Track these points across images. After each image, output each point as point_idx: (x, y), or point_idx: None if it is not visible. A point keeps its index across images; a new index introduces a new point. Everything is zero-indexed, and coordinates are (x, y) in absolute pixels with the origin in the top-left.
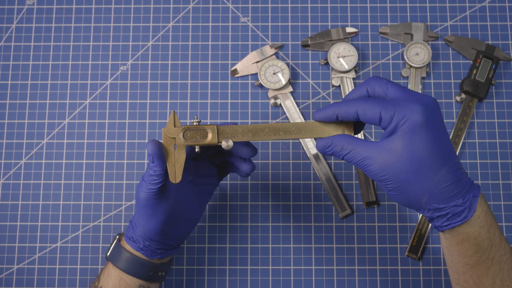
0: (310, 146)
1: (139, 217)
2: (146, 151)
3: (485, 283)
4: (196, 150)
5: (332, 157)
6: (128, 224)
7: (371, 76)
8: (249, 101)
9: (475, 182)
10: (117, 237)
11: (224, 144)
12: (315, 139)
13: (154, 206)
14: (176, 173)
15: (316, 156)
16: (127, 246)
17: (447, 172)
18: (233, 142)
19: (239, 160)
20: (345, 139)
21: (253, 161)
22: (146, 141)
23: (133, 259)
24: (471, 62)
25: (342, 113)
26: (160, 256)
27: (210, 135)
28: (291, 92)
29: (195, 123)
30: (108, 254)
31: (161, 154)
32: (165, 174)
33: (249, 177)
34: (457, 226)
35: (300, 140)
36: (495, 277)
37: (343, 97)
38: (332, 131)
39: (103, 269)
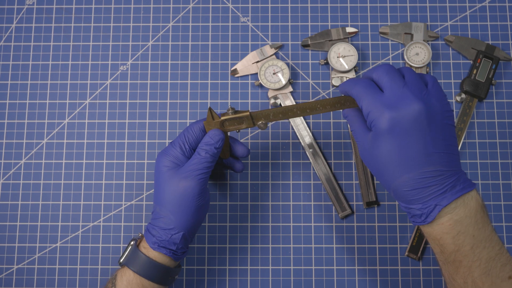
0: (309, 144)
1: (184, 212)
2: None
3: (457, 281)
4: (237, 131)
5: (332, 157)
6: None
7: None
8: (249, 101)
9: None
10: (132, 243)
11: (260, 125)
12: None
13: (204, 196)
14: (225, 152)
15: (316, 156)
16: (150, 253)
17: (410, 179)
18: (233, 143)
19: (232, 159)
20: (351, 113)
21: (255, 161)
22: (146, 141)
23: (156, 265)
24: (471, 62)
25: (345, 93)
26: (184, 256)
27: (245, 121)
28: (291, 92)
29: (230, 113)
30: (122, 260)
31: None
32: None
33: (249, 177)
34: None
35: (300, 139)
36: (465, 277)
37: None
38: (353, 102)
39: (118, 274)
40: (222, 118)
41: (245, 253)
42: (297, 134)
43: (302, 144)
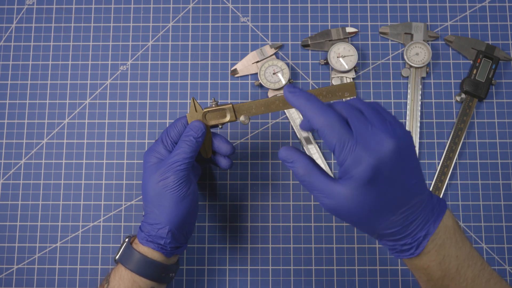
0: (310, 146)
1: (166, 205)
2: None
3: None
4: (220, 127)
5: (332, 156)
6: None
7: (371, 76)
8: (249, 101)
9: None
10: (127, 239)
11: (242, 119)
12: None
13: (184, 187)
14: (206, 150)
15: (316, 156)
16: (141, 248)
17: (396, 219)
18: (216, 141)
19: (219, 156)
20: (305, 166)
21: (255, 161)
22: (146, 141)
23: (147, 261)
24: (471, 62)
25: (307, 121)
26: (177, 252)
27: (228, 114)
28: None
29: (213, 105)
30: (117, 256)
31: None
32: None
33: (249, 177)
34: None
35: (300, 139)
36: None
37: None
38: (335, 95)
39: (112, 271)
40: (205, 110)
41: (245, 253)
42: (297, 134)
43: (302, 143)
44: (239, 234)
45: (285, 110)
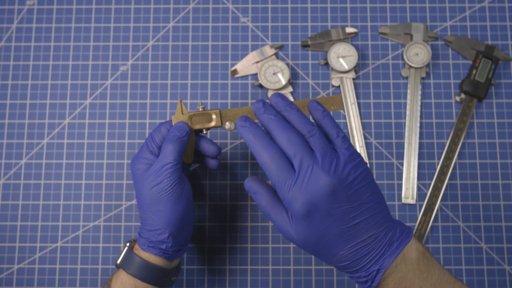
0: None
1: (163, 210)
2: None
3: None
4: (204, 132)
5: None
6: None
7: (370, 76)
8: (249, 101)
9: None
10: (128, 244)
11: (227, 126)
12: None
13: (178, 189)
14: (188, 155)
15: None
16: (143, 254)
17: (345, 254)
18: (205, 140)
19: (206, 158)
20: (266, 198)
21: (255, 161)
22: None
23: (149, 267)
24: (470, 62)
25: (254, 151)
26: (179, 255)
27: (214, 119)
28: (291, 92)
29: (200, 109)
30: (118, 261)
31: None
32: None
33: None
34: None
35: None
36: None
37: (342, 98)
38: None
39: (113, 276)
40: (191, 113)
41: (245, 253)
42: None
43: None
44: (239, 234)
45: None
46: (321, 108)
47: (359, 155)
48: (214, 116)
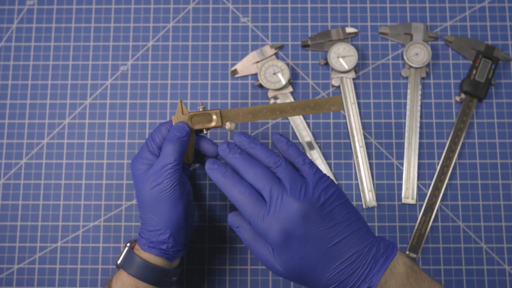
0: (310, 147)
1: (163, 210)
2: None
3: None
4: (204, 132)
5: (332, 157)
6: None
7: (370, 76)
8: (249, 101)
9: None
10: (128, 244)
11: (227, 126)
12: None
13: (179, 189)
14: (188, 155)
15: (316, 156)
16: (143, 254)
17: (331, 276)
18: (205, 141)
19: (206, 158)
20: (249, 232)
21: None
22: None
23: (150, 267)
24: (470, 62)
25: (226, 190)
26: (179, 255)
27: (214, 119)
28: (291, 92)
29: (200, 109)
30: (119, 262)
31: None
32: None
33: None
34: None
35: (300, 140)
36: None
37: (342, 98)
38: (323, 107)
39: (114, 276)
40: (191, 113)
41: (245, 253)
42: (297, 134)
43: (302, 144)
44: None
45: None
46: (285, 140)
47: (328, 177)
48: (214, 117)
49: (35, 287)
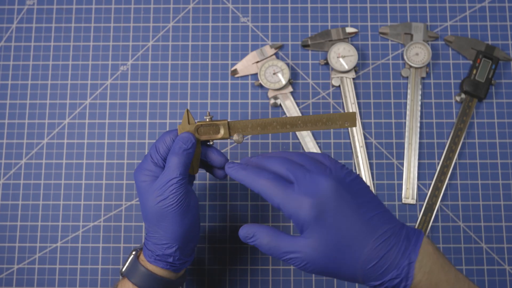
0: (310, 146)
1: (169, 224)
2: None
3: None
4: (210, 143)
5: (332, 157)
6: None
7: (370, 76)
8: (249, 101)
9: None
10: (133, 253)
11: (235, 138)
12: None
13: (185, 203)
14: (194, 166)
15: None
16: (149, 266)
17: (371, 251)
18: (212, 151)
19: (213, 167)
20: (267, 233)
21: None
22: (146, 141)
23: (156, 279)
24: (471, 62)
25: (240, 180)
26: (185, 266)
27: (222, 130)
28: (291, 92)
29: (207, 119)
30: (123, 270)
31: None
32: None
33: None
34: None
35: (300, 140)
36: None
37: (343, 98)
38: (335, 123)
39: (119, 285)
40: (198, 123)
41: (245, 252)
42: (297, 134)
43: (302, 144)
44: None
45: (285, 112)
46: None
47: (347, 167)
48: (221, 128)
49: (35, 287)
